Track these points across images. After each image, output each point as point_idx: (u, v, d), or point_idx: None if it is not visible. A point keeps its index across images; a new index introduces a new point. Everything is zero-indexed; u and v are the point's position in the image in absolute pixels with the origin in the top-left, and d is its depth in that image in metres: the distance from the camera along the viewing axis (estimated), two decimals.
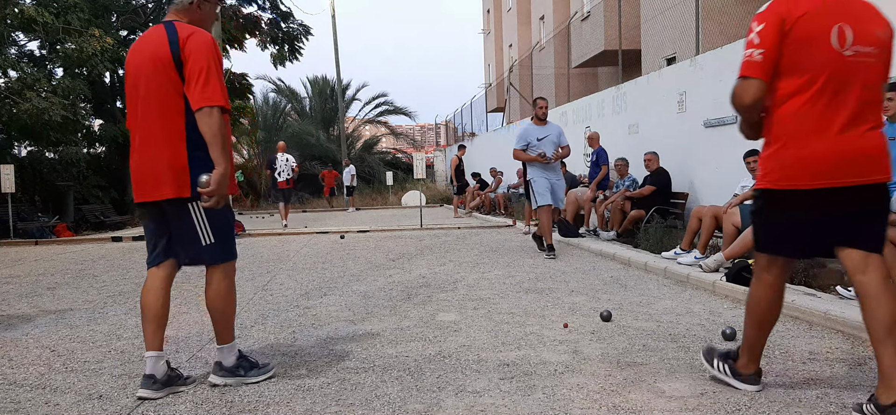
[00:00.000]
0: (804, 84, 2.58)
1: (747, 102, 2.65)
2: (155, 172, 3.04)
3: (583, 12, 19.88)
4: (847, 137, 2.58)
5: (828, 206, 2.63)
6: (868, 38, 2.60)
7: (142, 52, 3.11)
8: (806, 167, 2.60)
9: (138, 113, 3.10)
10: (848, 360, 3.51)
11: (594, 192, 10.26)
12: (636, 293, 5.50)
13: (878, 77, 2.67)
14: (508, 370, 3.39)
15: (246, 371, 3.27)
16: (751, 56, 2.61)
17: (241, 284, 6.44)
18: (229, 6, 19.67)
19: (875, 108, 2.67)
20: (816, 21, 2.56)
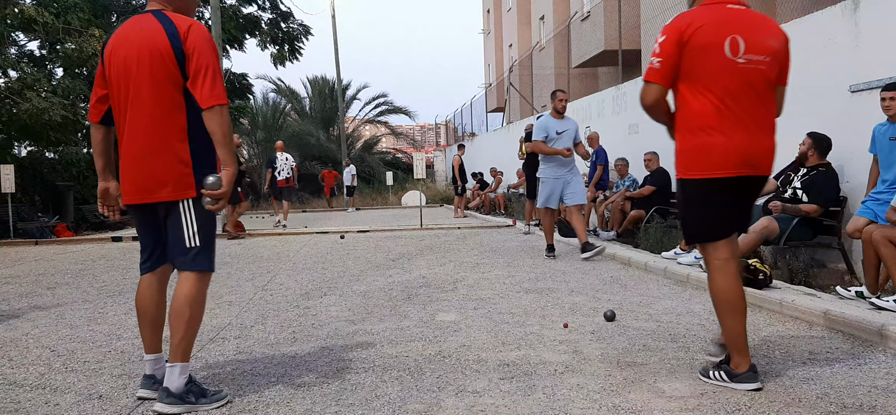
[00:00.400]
0: (702, 86, 2.95)
1: (649, 103, 3.04)
2: (155, 173, 2.88)
3: (583, 12, 19.88)
4: (741, 133, 2.96)
5: (727, 193, 3.02)
6: (760, 48, 2.96)
7: (131, 43, 2.90)
8: (710, 159, 2.97)
9: (128, 109, 2.91)
10: (848, 360, 3.51)
11: (593, 192, 10.25)
12: (636, 293, 5.50)
13: (770, 80, 3.02)
14: (508, 370, 3.39)
15: (196, 398, 2.93)
16: (652, 64, 2.99)
17: (241, 284, 6.43)
18: (229, 6, 19.68)
19: (767, 107, 3.05)
20: (711, 33, 2.92)
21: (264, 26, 20.95)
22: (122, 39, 2.95)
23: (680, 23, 2.96)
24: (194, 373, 3.47)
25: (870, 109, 5.57)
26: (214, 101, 2.82)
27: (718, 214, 3.07)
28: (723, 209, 3.07)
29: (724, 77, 2.92)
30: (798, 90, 6.77)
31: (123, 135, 2.96)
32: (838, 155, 5.97)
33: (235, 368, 3.59)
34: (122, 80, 2.93)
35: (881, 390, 3.02)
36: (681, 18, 2.99)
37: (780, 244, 5.89)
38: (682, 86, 3.00)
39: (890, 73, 5.56)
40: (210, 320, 4.79)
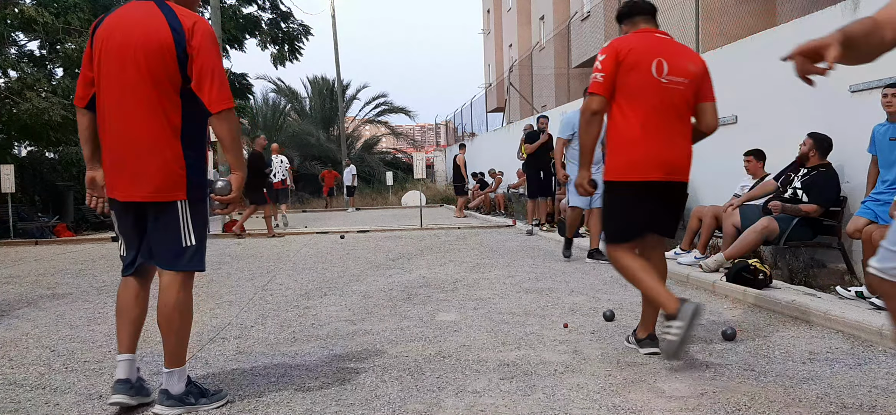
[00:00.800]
0: (630, 102, 3.40)
1: (594, 110, 3.45)
2: (146, 172, 2.75)
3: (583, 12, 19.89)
4: (661, 143, 3.40)
5: (645, 194, 3.43)
6: (681, 71, 3.43)
7: (130, 30, 2.74)
8: (633, 165, 3.41)
9: (119, 100, 2.76)
10: (848, 360, 3.51)
11: None
12: (636, 293, 5.49)
13: (688, 100, 3.50)
14: (508, 370, 3.39)
15: (196, 399, 2.89)
16: (595, 78, 3.42)
17: (241, 284, 6.44)
18: (229, 6, 19.67)
19: (685, 122, 3.52)
20: (641, 54, 3.39)
21: (264, 26, 20.95)
22: (119, 24, 2.79)
23: (617, 45, 3.45)
24: (194, 374, 3.47)
25: (870, 109, 5.57)
26: (223, 105, 2.73)
27: (637, 217, 3.49)
28: (642, 212, 3.48)
29: (650, 93, 3.37)
30: (798, 90, 6.79)
31: (112, 126, 2.80)
32: (838, 155, 5.97)
33: (235, 368, 3.59)
34: (114, 68, 2.76)
35: (881, 390, 3.02)
36: (618, 41, 3.49)
37: (780, 244, 5.90)
38: (616, 100, 3.44)
39: (890, 73, 5.56)
40: (210, 320, 4.79)
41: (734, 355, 3.62)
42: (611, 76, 3.39)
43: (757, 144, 7.04)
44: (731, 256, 5.82)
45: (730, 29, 10.89)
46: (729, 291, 5.25)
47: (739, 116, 7.92)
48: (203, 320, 4.79)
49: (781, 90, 7.05)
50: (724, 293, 5.30)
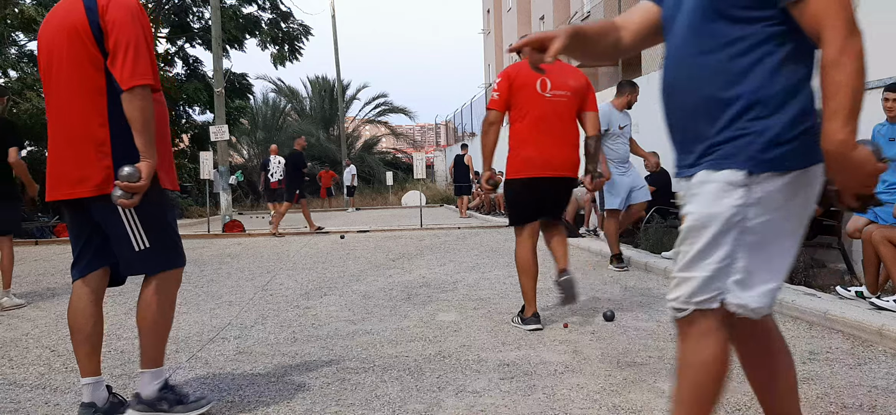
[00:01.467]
0: (522, 114, 4.22)
1: (490, 121, 4.26)
2: (74, 165, 2.59)
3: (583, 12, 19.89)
4: (546, 146, 4.18)
5: (536, 188, 4.23)
6: (562, 86, 4.24)
7: (53, 21, 2.64)
8: (525, 164, 4.22)
9: (51, 93, 2.65)
10: (848, 360, 3.51)
11: None
12: (636, 293, 5.50)
13: (571, 110, 4.32)
14: (508, 370, 3.39)
15: (170, 406, 2.70)
16: (493, 96, 4.27)
17: (241, 284, 6.44)
18: (229, 6, 19.68)
19: (569, 128, 4.31)
20: (528, 76, 4.15)
21: (264, 26, 20.97)
22: (47, 18, 2.70)
23: (509, 70, 4.29)
24: (194, 374, 3.47)
25: (870, 109, 5.55)
26: (136, 80, 2.49)
27: (528, 205, 4.30)
28: (531, 201, 4.29)
29: (536, 106, 4.17)
30: None
31: (49, 121, 2.69)
32: None
33: (235, 368, 3.59)
34: (46, 67, 2.67)
35: (881, 390, 3.02)
36: (511, 67, 4.32)
37: None
38: (512, 113, 4.26)
39: (890, 73, 5.56)
40: (210, 320, 4.79)
41: (734, 355, 3.62)
42: (505, 95, 4.22)
43: None
44: None
45: None
46: None
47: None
48: (203, 320, 4.79)
49: None
50: None
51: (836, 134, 1.46)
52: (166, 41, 20.34)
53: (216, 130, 14.16)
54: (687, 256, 1.68)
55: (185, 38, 20.56)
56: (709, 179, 1.64)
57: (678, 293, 1.70)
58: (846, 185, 1.52)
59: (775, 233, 1.66)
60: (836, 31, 1.48)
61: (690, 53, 1.69)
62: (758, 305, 1.68)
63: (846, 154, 1.46)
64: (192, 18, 20.54)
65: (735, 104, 1.62)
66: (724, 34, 1.62)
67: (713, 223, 1.62)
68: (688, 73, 1.70)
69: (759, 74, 1.60)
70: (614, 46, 1.95)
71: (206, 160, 13.19)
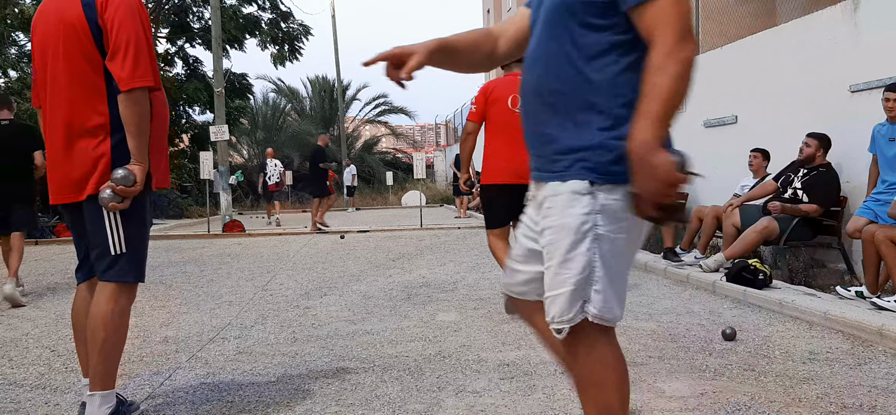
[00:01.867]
0: (495, 127, 4.59)
1: (468, 131, 4.70)
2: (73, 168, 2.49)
3: None
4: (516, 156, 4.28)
5: (508, 194, 4.45)
6: None
7: (48, 17, 2.51)
8: (497, 172, 4.56)
9: (47, 92, 2.55)
10: (848, 360, 3.51)
11: None
12: (636, 293, 5.50)
13: None
14: (508, 370, 3.39)
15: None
16: (471, 109, 4.68)
17: (241, 284, 6.43)
18: (229, 6, 19.68)
19: None
20: (501, 92, 4.60)
21: (264, 26, 20.97)
22: (42, 10, 2.58)
23: (486, 86, 4.70)
24: (194, 373, 3.46)
25: (870, 109, 5.57)
26: (135, 83, 2.38)
27: (501, 207, 4.58)
28: (504, 204, 4.53)
29: (506, 120, 4.50)
30: (798, 90, 6.79)
31: (45, 119, 2.60)
32: (838, 155, 5.97)
33: (235, 368, 3.58)
34: (39, 59, 2.58)
35: (881, 390, 3.02)
36: (488, 83, 4.73)
37: (780, 244, 5.90)
38: (486, 125, 4.64)
39: (890, 73, 5.56)
40: (210, 320, 4.79)
41: (734, 355, 3.62)
42: (481, 108, 4.63)
43: (757, 143, 7.04)
44: (731, 255, 5.82)
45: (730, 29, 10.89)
46: (729, 291, 5.25)
47: (739, 116, 7.92)
48: (203, 320, 4.79)
49: (781, 90, 7.05)
50: (724, 293, 5.30)
51: (640, 134, 1.45)
52: (166, 41, 20.34)
53: (216, 130, 14.16)
54: (550, 273, 1.66)
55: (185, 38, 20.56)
56: (558, 191, 1.64)
57: (552, 313, 1.67)
58: (643, 188, 1.47)
59: (622, 242, 1.64)
60: (666, 35, 1.48)
61: (542, 58, 1.69)
62: (616, 314, 1.67)
63: (645, 156, 1.43)
64: (192, 18, 20.54)
65: (580, 113, 1.61)
66: (572, 41, 1.62)
67: (567, 234, 1.61)
68: (539, 79, 1.70)
69: (603, 84, 1.60)
70: (489, 57, 1.94)
71: (206, 160, 13.20)
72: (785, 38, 7.12)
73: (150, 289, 6.23)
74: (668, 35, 1.48)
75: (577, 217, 1.60)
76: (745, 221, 6.10)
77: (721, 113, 8.28)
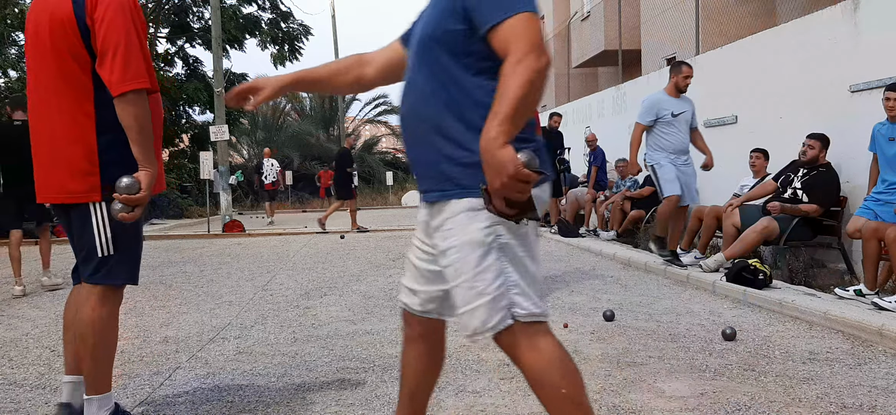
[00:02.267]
0: None
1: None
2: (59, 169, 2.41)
3: (583, 12, 19.88)
4: None
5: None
6: None
7: (39, 13, 2.42)
8: None
9: (33, 90, 2.47)
10: (848, 360, 3.51)
11: (593, 192, 10.26)
12: (636, 293, 5.50)
13: None
14: (508, 370, 3.39)
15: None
16: None
17: (241, 284, 6.43)
18: (229, 6, 19.68)
19: None
20: None
21: (264, 26, 20.97)
22: (33, 6, 2.49)
23: None
24: (194, 373, 3.47)
25: (870, 109, 5.57)
26: (128, 85, 2.27)
27: None
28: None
29: None
30: (798, 90, 6.79)
31: (31, 118, 2.52)
32: (838, 155, 5.97)
33: (235, 368, 3.59)
34: (29, 56, 2.50)
35: (881, 390, 3.02)
36: None
37: (780, 244, 5.90)
38: None
39: (890, 73, 5.56)
40: (210, 320, 4.79)
41: (734, 355, 3.62)
42: None
43: (757, 143, 7.04)
44: (731, 255, 5.83)
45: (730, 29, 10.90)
46: (729, 291, 5.25)
47: (739, 116, 7.92)
48: (203, 320, 4.79)
49: (781, 90, 7.06)
50: (723, 293, 5.30)
51: (488, 131, 1.53)
52: (166, 41, 20.35)
53: (216, 130, 14.16)
54: (463, 289, 1.72)
55: (185, 38, 20.56)
56: (455, 211, 1.72)
57: (473, 326, 1.74)
58: (492, 183, 1.54)
59: (526, 245, 1.74)
60: (519, 46, 1.60)
61: (421, 85, 1.79)
62: (543, 309, 1.76)
63: (492, 151, 1.51)
64: (192, 18, 20.55)
65: (464, 135, 1.71)
66: (446, 69, 1.74)
67: (474, 248, 1.69)
68: (418, 105, 1.80)
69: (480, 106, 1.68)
70: (358, 81, 2.07)
71: (206, 160, 13.20)
72: (785, 38, 7.12)
73: (149, 289, 6.23)
74: (519, 46, 1.60)
75: (479, 231, 1.69)
76: (745, 221, 6.10)
77: (721, 113, 8.28)
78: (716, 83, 8.41)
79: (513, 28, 1.64)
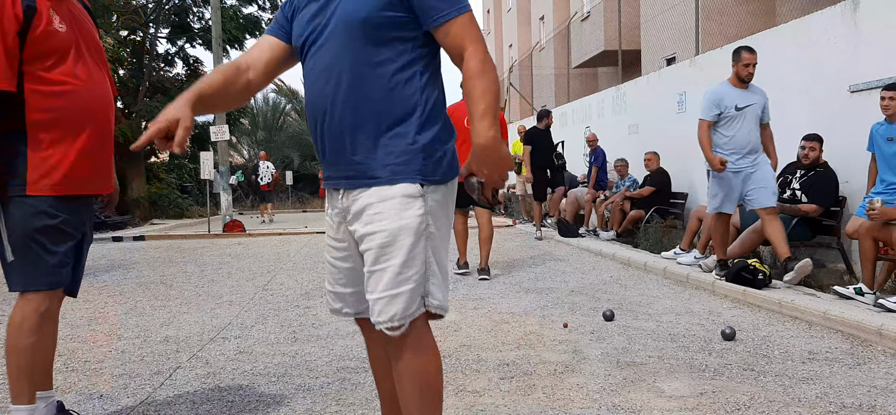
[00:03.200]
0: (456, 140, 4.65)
1: None
2: None
3: (583, 12, 19.89)
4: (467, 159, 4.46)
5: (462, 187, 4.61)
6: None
7: None
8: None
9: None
10: (848, 360, 3.51)
11: (593, 192, 10.26)
12: (636, 293, 5.51)
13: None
14: (508, 370, 3.40)
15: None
16: None
17: (241, 284, 6.44)
18: (229, 6, 19.68)
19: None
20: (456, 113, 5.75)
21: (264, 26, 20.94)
22: None
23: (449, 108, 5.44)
24: (194, 373, 3.47)
25: (870, 109, 5.57)
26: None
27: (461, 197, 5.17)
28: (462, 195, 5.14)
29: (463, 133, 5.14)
30: (798, 90, 6.79)
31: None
32: (838, 155, 5.97)
33: (235, 368, 3.59)
34: None
35: (881, 390, 3.03)
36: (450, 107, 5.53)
37: None
38: None
39: (890, 73, 5.56)
40: (210, 320, 4.80)
41: (734, 355, 3.63)
42: None
43: None
44: (731, 256, 5.83)
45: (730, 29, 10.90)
46: (728, 291, 5.26)
47: None
48: (203, 320, 4.79)
49: (781, 90, 7.05)
50: (723, 293, 5.31)
51: (488, 130, 1.66)
52: (166, 41, 20.36)
53: (216, 130, 14.16)
54: (390, 273, 1.74)
55: (185, 38, 20.56)
56: (387, 196, 1.74)
57: (392, 312, 1.74)
58: (491, 177, 1.71)
59: (443, 236, 1.82)
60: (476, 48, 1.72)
61: (345, 72, 1.77)
62: (447, 303, 1.84)
63: (495, 148, 1.66)
64: (192, 18, 20.53)
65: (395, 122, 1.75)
66: (378, 54, 1.75)
67: (406, 235, 1.73)
68: (343, 92, 1.77)
69: (413, 93, 1.76)
70: (246, 88, 1.99)
71: (207, 160, 13.20)
72: (785, 38, 7.12)
73: (150, 289, 6.23)
74: (478, 47, 1.72)
75: (415, 218, 1.74)
76: (745, 221, 6.10)
77: None
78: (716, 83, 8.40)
79: (465, 27, 1.73)
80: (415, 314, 1.76)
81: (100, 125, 2.45)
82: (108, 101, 2.51)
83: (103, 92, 2.49)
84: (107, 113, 2.50)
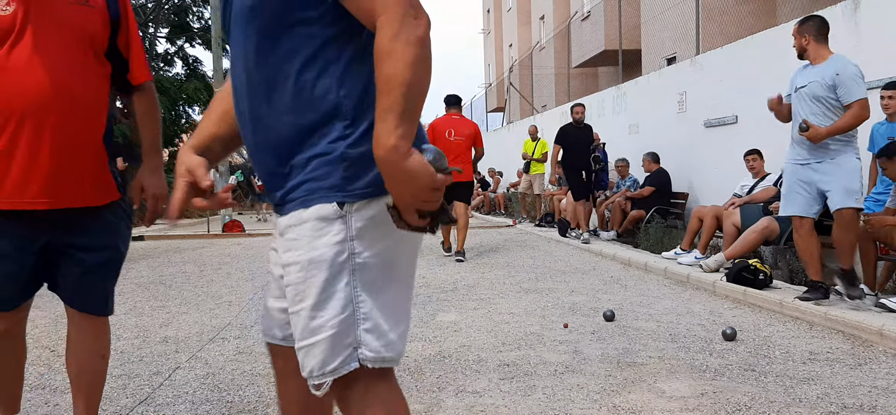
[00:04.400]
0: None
1: None
2: None
3: (583, 12, 19.89)
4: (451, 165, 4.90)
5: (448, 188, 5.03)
6: (461, 133, 7.68)
7: None
8: None
9: None
10: (848, 360, 3.51)
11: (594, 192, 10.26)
12: (636, 293, 5.50)
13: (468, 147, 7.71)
14: (508, 370, 3.39)
15: None
16: None
17: (241, 284, 6.43)
18: None
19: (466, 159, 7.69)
20: (441, 127, 7.58)
21: None
22: None
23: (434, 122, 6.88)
24: (194, 373, 3.47)
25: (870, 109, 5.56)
26: None
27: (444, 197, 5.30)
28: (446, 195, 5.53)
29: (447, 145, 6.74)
30: None
31: None
32: None
33: (235, 368, 3.58)
34: None
35: (881, 390, 3.02)
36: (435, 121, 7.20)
37: (780, 244, 5.89)
38: None
39: (890, 73, 5.56)
40: (210, 320, 4.79)
41: (734, 355, 3.62)
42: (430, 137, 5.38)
43: (757, 143, 7.04)
44: (731, 255, 5.83)
45: (730, 29, 10.90)
46: (729, 292, 5.25)
47: (739, 116, 7.92)
48: (203, 320, 4.79)
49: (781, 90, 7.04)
50: (724, 293, 5.30)
51: (387, 138, 1.19)
52: (166, 41, 20.36)
53: None
54: (302, 319, 1.35)
55: (184, 38, 20.56)
56: (300, 221, 1.34)
57: (309, 367, 1.36)
58: (403, 200, 1.24)
59: (392, 264, 1.38)
60: (390, 13, 1.21)
61: (249, 74, 1.39)
62: (397, 352, 1.39)
63: (398, 163, 1.20)
64: (192, 18, 20.53)
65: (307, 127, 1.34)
66: (277, 47, 1.35)
67: (320, 270, 1.32)
68: (251, 99, 1.40)
69: (325, 87, 1.33)
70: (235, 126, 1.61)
71: None
72: (785, 38, 7.11)
73: (149, 289, 6.23)
74: (392, 14, 1.21)
75: (329, 248, 1.32)
76: (745, 221, 6.10)
77: (721, 113, 8.28)
78: (716, 83, 8.40)
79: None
80: (340, 370, 1.34)
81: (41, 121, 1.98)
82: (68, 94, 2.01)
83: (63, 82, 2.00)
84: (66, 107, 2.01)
